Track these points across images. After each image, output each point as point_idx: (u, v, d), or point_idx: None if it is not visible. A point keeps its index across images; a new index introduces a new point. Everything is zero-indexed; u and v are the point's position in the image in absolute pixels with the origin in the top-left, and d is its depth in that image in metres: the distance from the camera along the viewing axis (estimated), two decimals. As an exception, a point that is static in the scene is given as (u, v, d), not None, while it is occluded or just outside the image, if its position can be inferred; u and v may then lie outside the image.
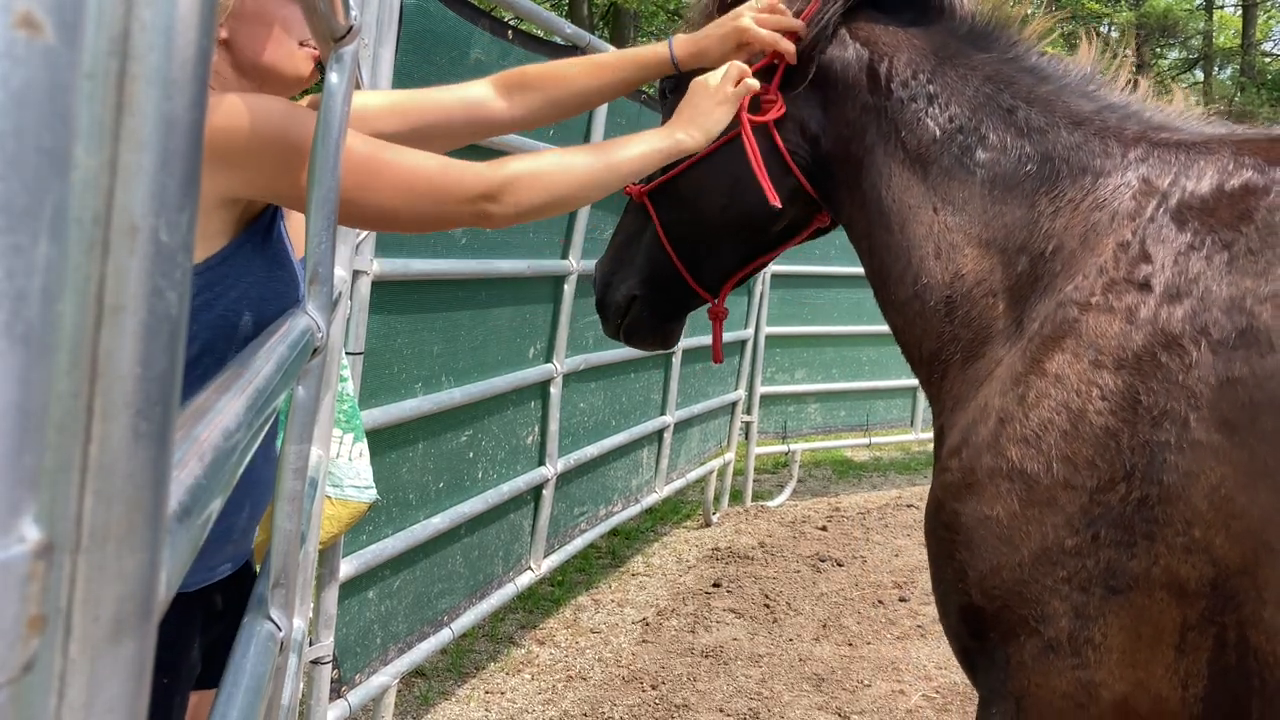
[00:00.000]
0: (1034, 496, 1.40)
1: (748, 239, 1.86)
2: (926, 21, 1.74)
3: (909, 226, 1.67)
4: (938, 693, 3.88)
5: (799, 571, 5.27)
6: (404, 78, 2.58)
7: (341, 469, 2.24)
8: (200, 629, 1.53)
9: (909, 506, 6.71)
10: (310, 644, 2.45)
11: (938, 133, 1.66)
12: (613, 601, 4.74)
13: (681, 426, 5.50)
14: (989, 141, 1.64)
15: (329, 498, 2.22)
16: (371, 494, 2.30)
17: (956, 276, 1.62)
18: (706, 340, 5.51)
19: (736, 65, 1.70)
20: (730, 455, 6.33)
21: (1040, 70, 1.70)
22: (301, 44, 1.51)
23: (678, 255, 1.88)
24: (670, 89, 1.90)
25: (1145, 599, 1.34)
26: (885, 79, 1.70)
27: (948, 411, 1.62)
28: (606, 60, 1.82)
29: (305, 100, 1.70)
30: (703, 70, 1.74)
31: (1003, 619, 1.44)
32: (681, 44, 1.79)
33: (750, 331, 6.18)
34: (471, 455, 3.35)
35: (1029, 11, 1.74)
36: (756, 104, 1.76)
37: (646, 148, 1.56)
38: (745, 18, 1.74)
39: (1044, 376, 1.44)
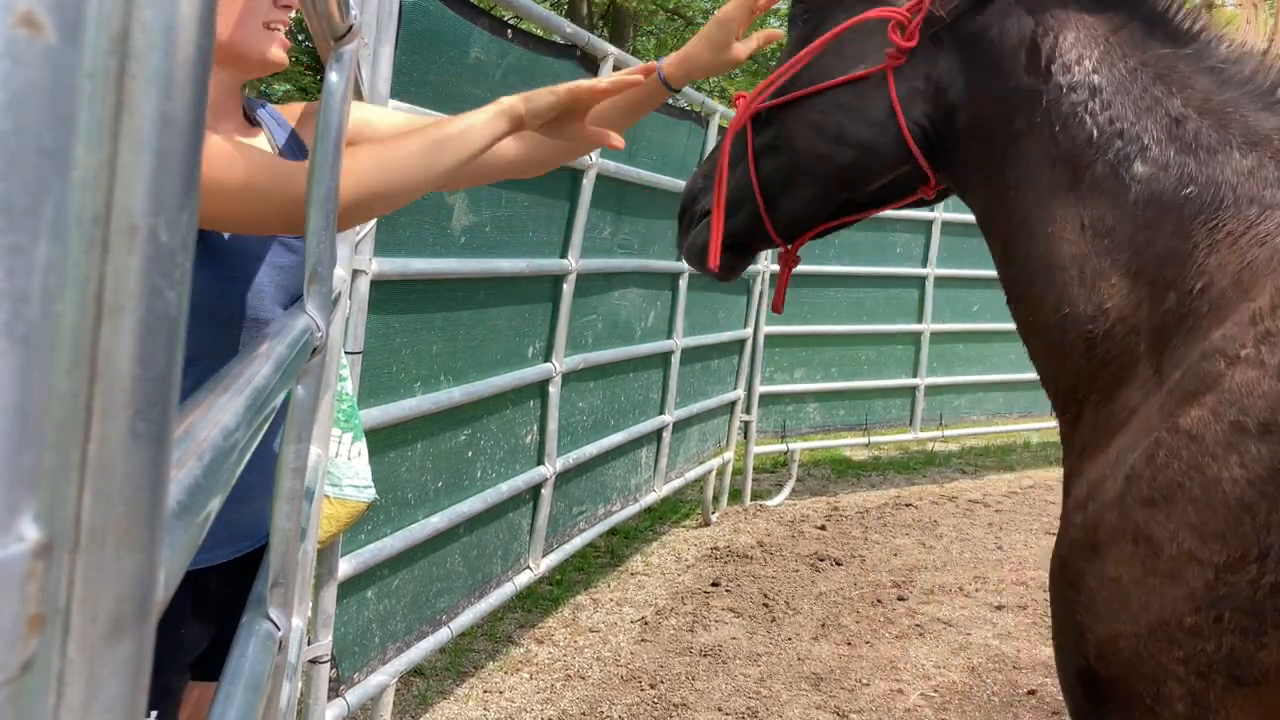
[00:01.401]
0: (1156, 565, 1.26)
1: (837, 191, 1.69)
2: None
3: (1055, 243, 1.48)
4: (936, 692, 3.89)
5: (798, 571, 5.27)
6: (404, 77, 2.58)
7: (340, 468, 2.24)
8: (193, 608, 1.53)
9: (908, 506, 6.71)
10: (309, 643, 2.45)
11: (1095, 134, 1.46)
12: (611, 601, 4.74)
13: (680, 426, 5.50)
14: (1150, 154, 1.43)
15: (327, 497, 2.22)
16: (370, 493, 2.30)
17: (1100, 309, 1.44)
18: (705, 340, 5.52)
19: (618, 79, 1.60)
20: (729, 454, 6.33)
21: (1222, 71, 1.46)
22: (268, 25, 1.47)
23: (761, 189, 1.73)
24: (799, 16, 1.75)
25: (1277, 696, 1.20)
26: (1046, 59, 1.49)
27: (1076, 456, 1.47)
28: (615, 104, 1.75)
29: (299, 108, 1.70)
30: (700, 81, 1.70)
31: (1119, 690, 1.32)
32: (670, 63, 1.73)
33: (749, 331, 6.18)
34: (470, 454, 3.35)
35: None
36: (878, 52, 1.58)
37: (478, 119, 1.44)
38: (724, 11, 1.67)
39: (1177, 434, 1.29)
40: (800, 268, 6.84)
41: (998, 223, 1.59)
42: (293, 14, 1.50)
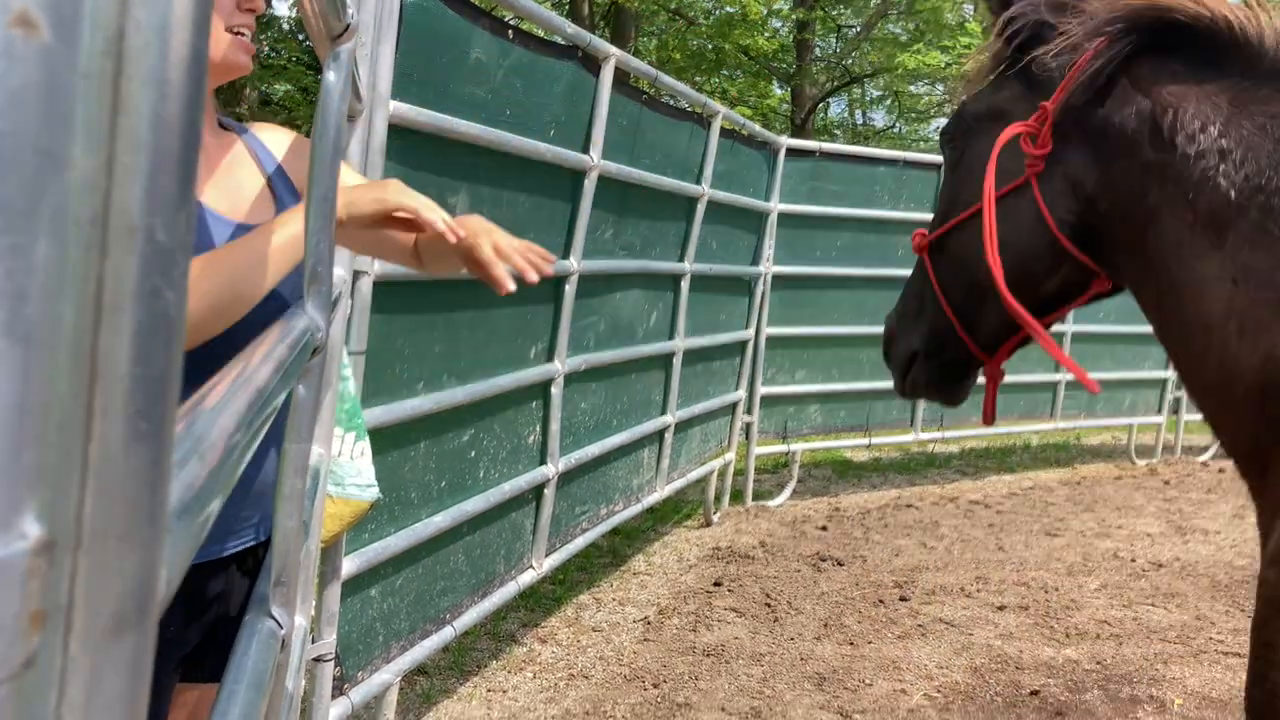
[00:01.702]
0: None
1: (1018, 300, 1.73)
2: (1220, 63, 1.56)
3: (1205, 302, 1.48)
4: (939, 692, 3.88)
5: (800, 571, 5.27)
6: (404, 78, 2.58)
7: (343, 467, 2.24)
8: (179, 606, 1.53)
9: (909, 507, 6.71)
10: (312, 641, 2.45)
11: (1233, 194, 1.47)
12: (614, 600, 4.74)
13: (682, 426, 5.50)
14: None
15: (331, 496, 2.22)
16: (374, 492, 2.31)
17: (1269, 359, 1.41)
18: (707, 341, 5.51)
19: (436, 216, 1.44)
20: (731, 455, 6.33)
21: None
22: (231, 30, 1.45)
23: (955, 314, 1.84)
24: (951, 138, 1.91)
25: None
26: (1169, 134, 1.54)
27: (1271, 513, 1.43)
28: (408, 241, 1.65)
29: (283, 137, 1.69)
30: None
31: None
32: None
33: (751, 332, 6.18)
34: (473, 454, 3.35)
35: None
36: (1019, 164, 1.70)
37: (295, 229, 1.35)
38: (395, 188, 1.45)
39: None
40: (801, 269, 6.86)
41: (1149, 295, 1.62)
42: (262, 11, 1.50)
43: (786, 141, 6.16)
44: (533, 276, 1.47)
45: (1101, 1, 1.68)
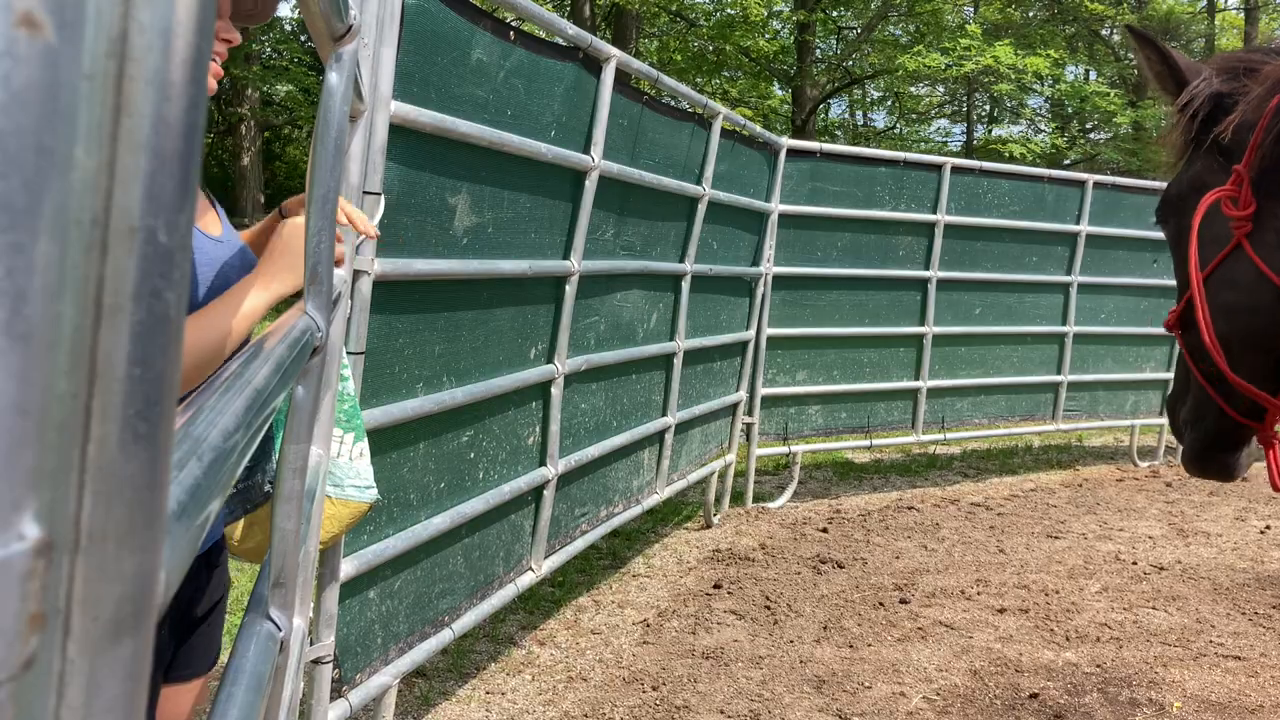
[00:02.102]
0: None
1: (1261, 360, 1.78)
2: None
3: None
4: (939, 695, 3.88)
5: (800, 573, 5.27)
6: (405, 79, 2.58)
7: (342, 469, 2.24)
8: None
9: (910, 509, 6.71)
10: (311, 643, 2.45)
11: None
12: (613, 602, 4.74)
13: (683, 428, 5.50)
14: None
15: (329, 498, 2.22)
16: (373, 494, 2.30)
17: None
18: (708, 342, 5.52)
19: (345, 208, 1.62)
20: (731, 457, 6.33)
21: None
22: None
23: (1207, 381, 1.88)
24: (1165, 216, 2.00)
25: None
26: None
27: None
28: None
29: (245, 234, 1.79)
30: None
31: None
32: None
33: (751, 333, 6.18)
34: (473, 455, 3.35)
35: None
36: (1225, 230, 1.76)
37: (249, 305, 1.46)
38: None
39: None
40: (803, 269, 6.85)
41: None
42: (238, 44, 1.60)
43: (787, 142, 6.16)
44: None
45: (1273, 65, 1.77)
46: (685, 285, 5.10)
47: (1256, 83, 1.76)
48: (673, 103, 4.90)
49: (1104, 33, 26.12)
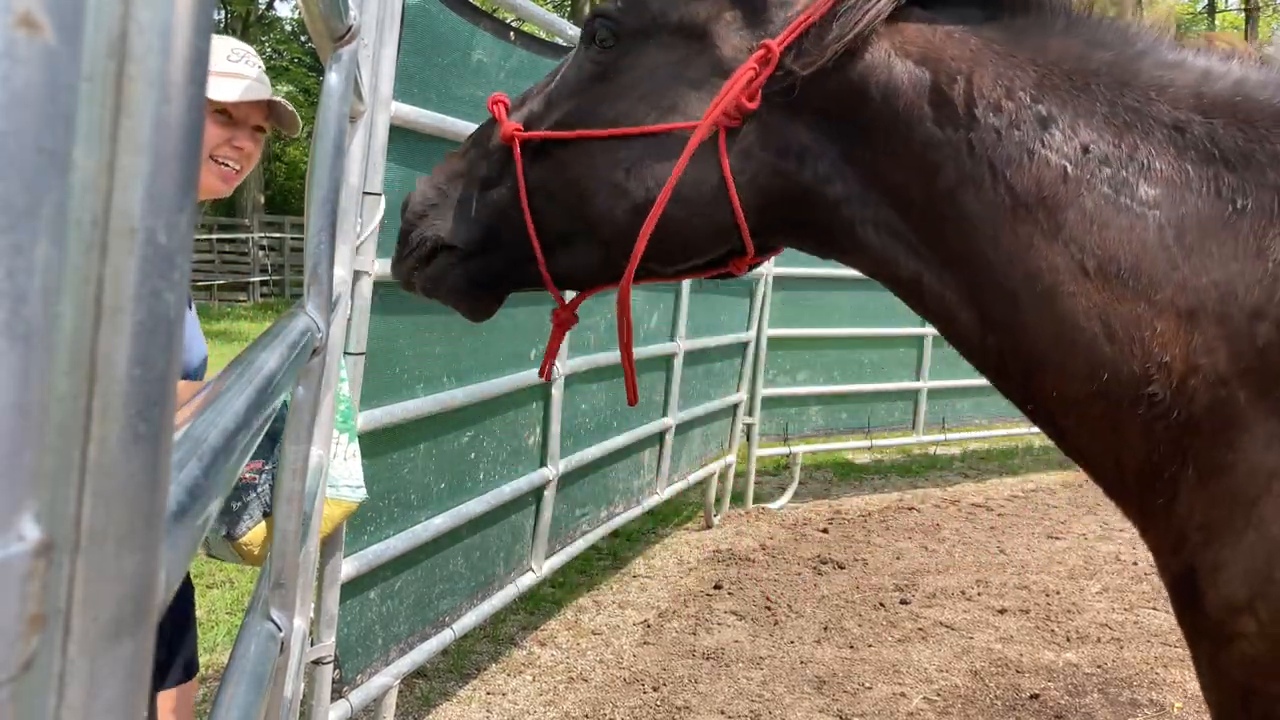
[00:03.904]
0: None
1: (631, 259, 1.39)
2: (1007, 20, 1.30)
3: (1055, 300, 1.21)
4: (939, 695, 3.88)
5: (800, 574, 5.26)
6: (406, 80, 2.58)
7: (336, 469, 2.25)
8: None
9: (910, 509, 6.71)
10: (312, 644, 2.45)
11: (1067, 167, 1.22)
12: (614, 603, 4.74)
13: (683, 428, 5.50)
14: (1156, 172, 1.20)
15: (326, 498, 2.23)
16: (362, 493, 2.32)
17: (1157, 364, 1.17)
18: (708, 342, 5.51)
19: None
20: (732, 457, 6.33)
21: (1200, 68, 1.24)
22: (214, 158, 1.68)
23: (538, 234, 1.46)
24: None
25: None
26: (965, 104, 1.26)
27: (1196, 547, 1.18)
28: None
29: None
30: None
31: None
32: None
33: (752, 334, 6.18)
34: (473, 456, 3.35)
35: None
36: (700, 106, 1.34)
37: None
38: None
39: None
40: (802, 270, 6.82)
41: (963, 295, 1.31)
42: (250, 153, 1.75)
43: (788, 144, 6.15)
44: None
45: None
46: (685, 286, 5.10)
47: None
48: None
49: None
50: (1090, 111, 1.24)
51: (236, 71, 1.83)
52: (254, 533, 1.84)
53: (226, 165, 1.72)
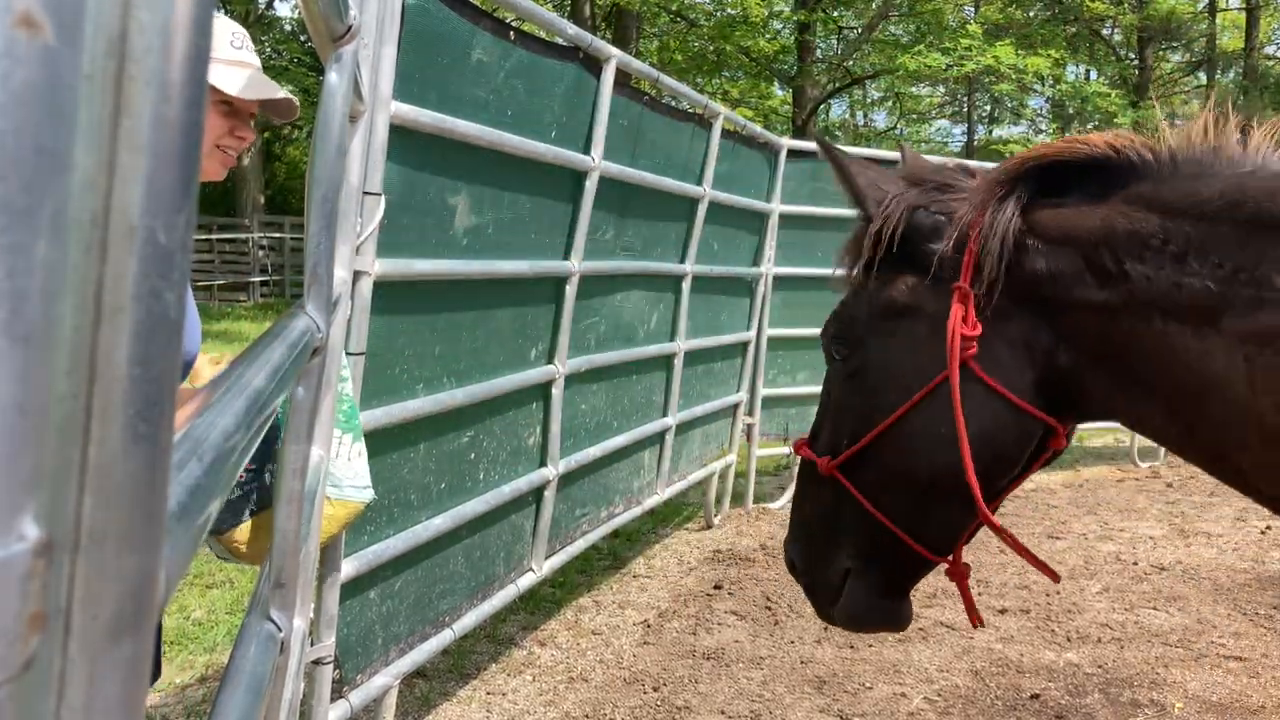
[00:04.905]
0: None
1: (978, 492, 1.63)
2: (1117, 185, 1.52)
3: (1229, 389, 1.41)
4: (940, 695, 3.88)
5: (800, 573, 5.27)
6: (405, 79, 2.58)
7: (341, 469, 2.25)
8: None
9: (911, 508, 6.71)
10: (312, 644, 2.45)
11: (1210, 285, 1.41)
12: (614, 603, 4.74)
13: (683, 428, 5.50)
14: None
15: (328, 498, 2.22)
16: (369, 493, 2.32)
17: None
18: (708, 342, 5.51)
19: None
20: (732, 457, 6.33)
21: None
22: (219, 146, 1.72)
23: (899, 523, 1.70)
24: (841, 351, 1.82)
25: None
26: (1113, 269, 1.49)
27: None
28: None
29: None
30: None
31: None
32: None
33: (752, 333, 6.18)
34: (473, 456, 3.35)
35: (1228, 109, 1.48)
36: (940, 354, 1.60)
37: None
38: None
39: None
40: (802, 269, 6.83)
41: (1165, 408, 1.52)
42: (251, 141, 1.76)
43: (788, 142, 6.16)
44: None
45: (979, 177, 1.66)
46: (686, 286, 5.10)
47: (957, 199, 1.65)
48: (673, 103, 4.90)
49: (1105, 32, 26.10)
50: (1211, 238, 1.42)
51: (240, 60, 1.82)
52: (241, 529, 1.84)
53: (228, 153, 1.75)
